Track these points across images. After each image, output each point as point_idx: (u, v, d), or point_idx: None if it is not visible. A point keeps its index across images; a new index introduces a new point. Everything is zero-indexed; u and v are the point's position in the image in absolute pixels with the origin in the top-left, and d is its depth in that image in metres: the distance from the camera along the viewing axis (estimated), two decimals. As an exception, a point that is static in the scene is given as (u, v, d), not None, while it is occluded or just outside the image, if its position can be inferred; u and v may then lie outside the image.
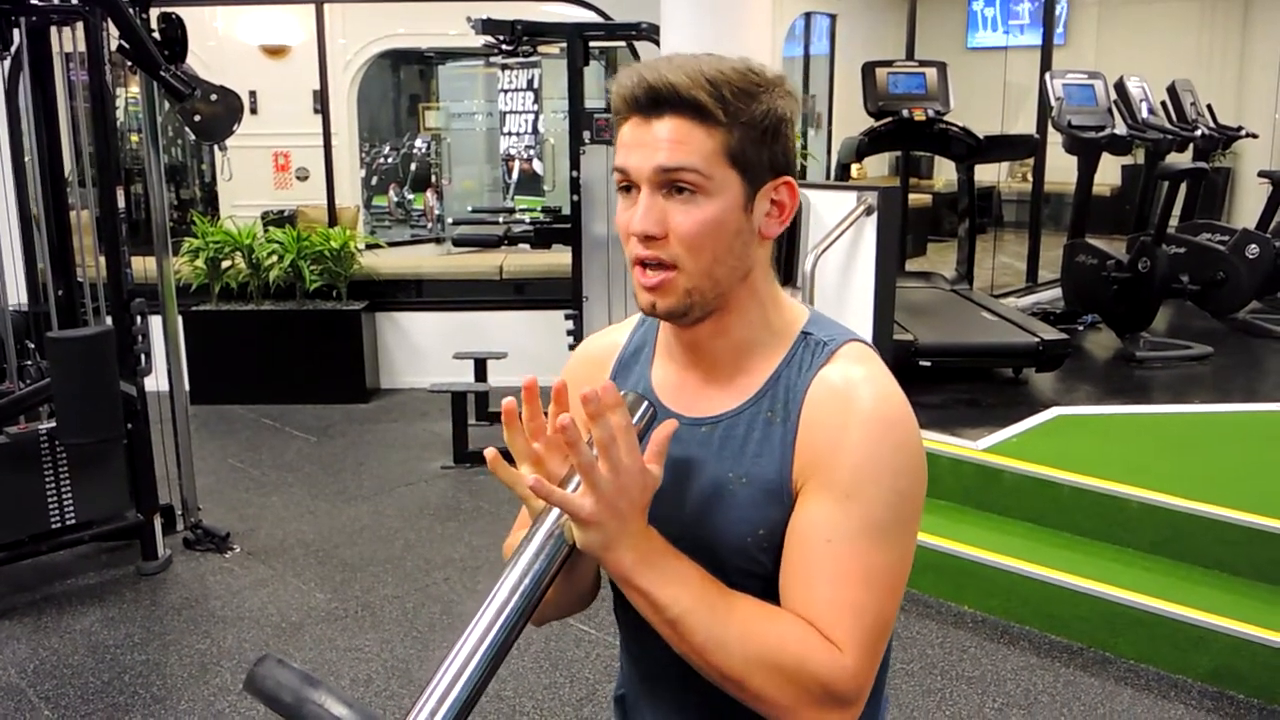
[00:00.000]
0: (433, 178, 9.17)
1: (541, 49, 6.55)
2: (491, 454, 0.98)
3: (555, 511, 0.97)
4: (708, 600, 0.95)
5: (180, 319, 4.39)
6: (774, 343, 1.05)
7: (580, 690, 3.05)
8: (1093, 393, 4.88)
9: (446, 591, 3.68)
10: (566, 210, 5.36)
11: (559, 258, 5.79)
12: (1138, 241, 5.50)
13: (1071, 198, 6.19)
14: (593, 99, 5.11)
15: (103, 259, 3.83)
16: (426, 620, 3.47)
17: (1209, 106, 6.76)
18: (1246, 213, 8.55)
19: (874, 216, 3.68)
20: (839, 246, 3.72)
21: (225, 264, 5.97)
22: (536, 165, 8.06)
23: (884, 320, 3.76)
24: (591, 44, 5.42)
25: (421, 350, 6.25)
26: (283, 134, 7.50)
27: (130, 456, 3.80)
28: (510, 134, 7.99)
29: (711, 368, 1.07)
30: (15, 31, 3.56)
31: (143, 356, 3.89)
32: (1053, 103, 5.76)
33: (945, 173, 9.57)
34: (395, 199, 9.20)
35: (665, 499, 0.97)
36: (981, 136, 5.85)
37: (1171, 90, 6.38)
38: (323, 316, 5.97)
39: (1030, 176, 7.59)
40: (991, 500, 3.76)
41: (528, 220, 5.71)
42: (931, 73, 5.76)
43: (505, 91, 7.94)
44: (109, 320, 3.82)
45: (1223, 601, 3.13)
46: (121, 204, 4.10)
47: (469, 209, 7.31)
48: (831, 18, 9.33)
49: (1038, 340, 4.66)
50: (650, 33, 5.07)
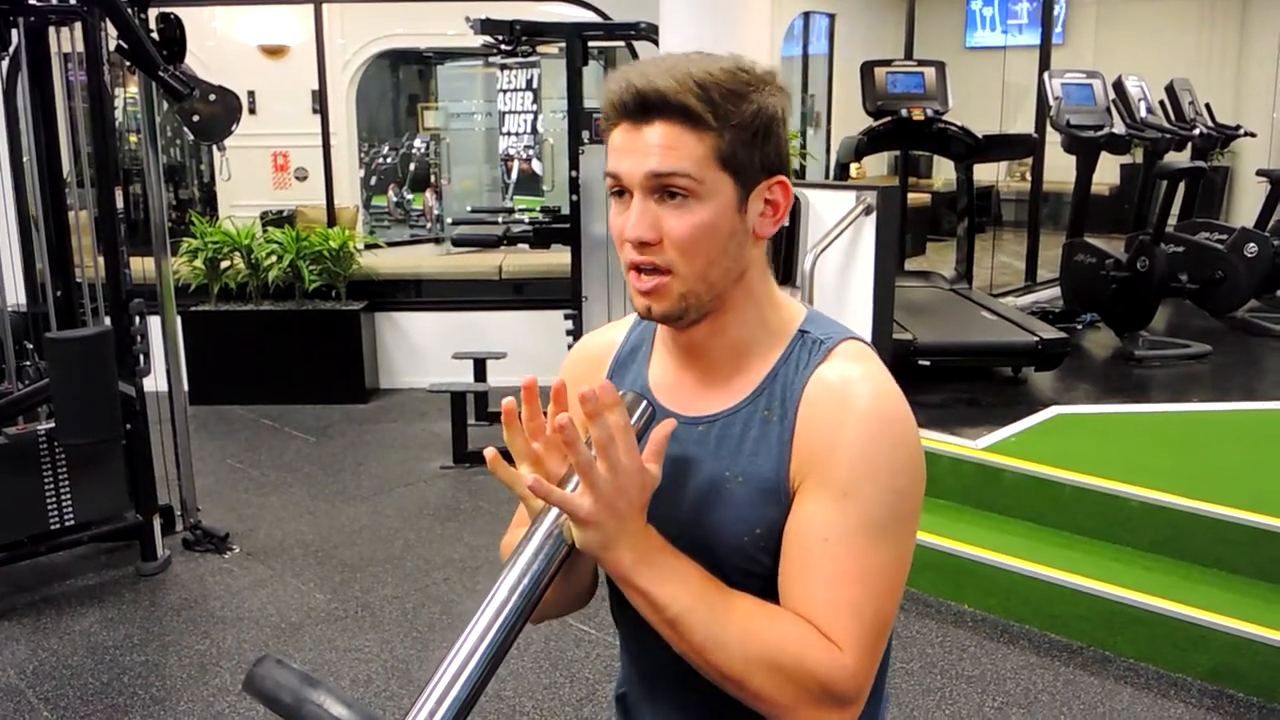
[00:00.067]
0: (432, 178, 9.16)
1: (540, 49, 6.54)
2: (491, 454, 0.98)
3: (554, 511, 0.97)
4: (707, 599, 0.95)
5: (179, 319, 4.39)
6: (771, 341, 1.05)
7: (580, 690, 3.05)
8: (1092, 392, 4.88)
9: (446, 591, 3.68)
10: (565, 210, 5.36)
11: (558, 257, 5.79)
12: (1136, 240, 5.50)
13: (1070, 197, 6.19)
14: (591, 99, 5.10)
15: (101, 259, 3.83)
16: (426, 620, 3.47)
17: (1207, 105, 6.77)
18: (1245, 212, 8.55)
19: (873, 216, 3.68)
20: (838, 246, 3.72)
21: (224, 264, 5.97)
22: (535, 165, 8.05)
23: (883, 319, 3.76)
24: (590, 44, 5.42)
25: (421, 350, 6.24)
26: (281, 134, 7.50)
27: (129, 457, 3.80)
28: (509, 134, 7.99)
29: (708, 367, 1.07)
30: (14, 32, 3.55)
31: (141, 357, 3.88)
32: (1051, 102, 5.76)
33: (944, 172, 9.57)
34: (394, 199, 9.20)
35: (662, 498, 0.97)
36: (980, 136, 5.85)
37: (1170, 89, 6.39)
38: (322, 317, 5.97)
39: (1029, 176, 7.60)
40: (991, 499, 3.76)
41: (527, 220, 5.71)
42: (930, 72, 5.76)
43: (504, 91, 7.94)
44: (108, 321, 3.82)
45: (1222, 600, 3.13)
46: (120, 204, 4.11)
47: (468, 209, 7.31)
48: (830, 17, 9.33)
49: (1037, 339, 4.66)
50: (649, 32, 5.08)
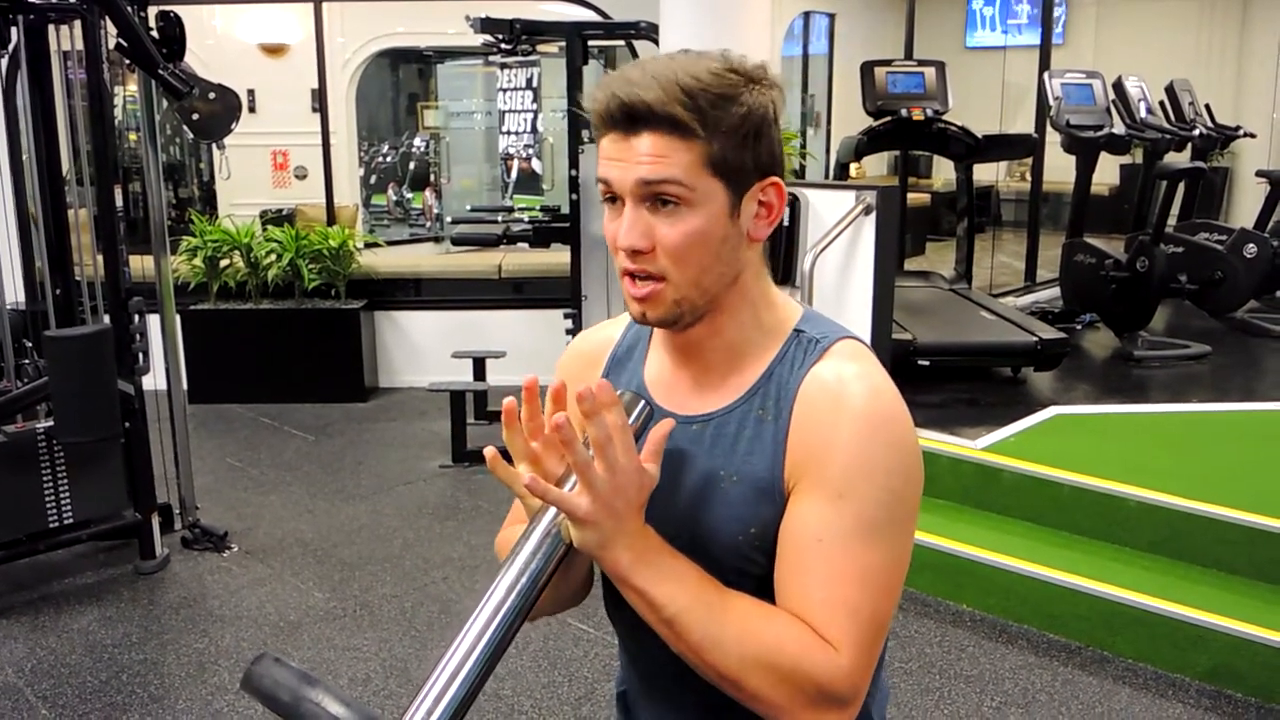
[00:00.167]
0: (431, 177, 9.16)
1: (540, 48, 6.53)
2: (490, 453, 0.98)
3: (552, 510, 0.97)
4: (704, 599, 0.95)
5: (178, 318, 4.39)
6: (766, 341, 1.05)
7: (579, 689, 3.05)
8: (1091, 392, 4.89)
9: (445, 590, 3.68)
10: (565, 209, 5.36)
11: (558, 257, 5.79)
12: (1136, 241, 5.50)
13: (1070, 197, 6.19)
14: (591, 98, 5.09)
15: (101, 258, 3.83)
16: (425, 619, 3.47)
17: (1207, 106, 6.77)
18: (1244, 212, 8.55)
19: (873, 216, 3.67)
20: (838, 246, 3.72)
21: (223, 263, 5.97)
22: (535, 164, 8.05)
23: (883, 319, 3.76)
24: (590, 43, 5.42)
25: (420, 349, 6.24)
26: (281, 133, 7.50)
27: (128, 455, 3.79)
28: (509, 133, 7.97)
29: (704, 366, 1.06)
30: (13, 30, 3.55)
31: (141, 355, 3.88)
32: (1051, 102, 5.76)
33: (944, 172, 9.57)
34: (394, 198, 9.19)
35: (657, 498, 0.97)
36: (980, 136, 5.85)
37: (1169, 90, 6.39)
38: (321, 315, 5.97)
39: (1029, 176, 7.60)
40: (990, 499, 3.77)
41: (526, 219, 5.69)
42: (930, 72, 5.76)
43: (504, 90, 7.93)
44: (107, 319, 3.82)
45: (1221, 600, 3.13)
46: (119, 203, 4.10)
47: (468, 208, 7.30)
48: (830, 17, 9.33)
49: (1036, 339, 4.66)
50: (649, 31, 5.07)
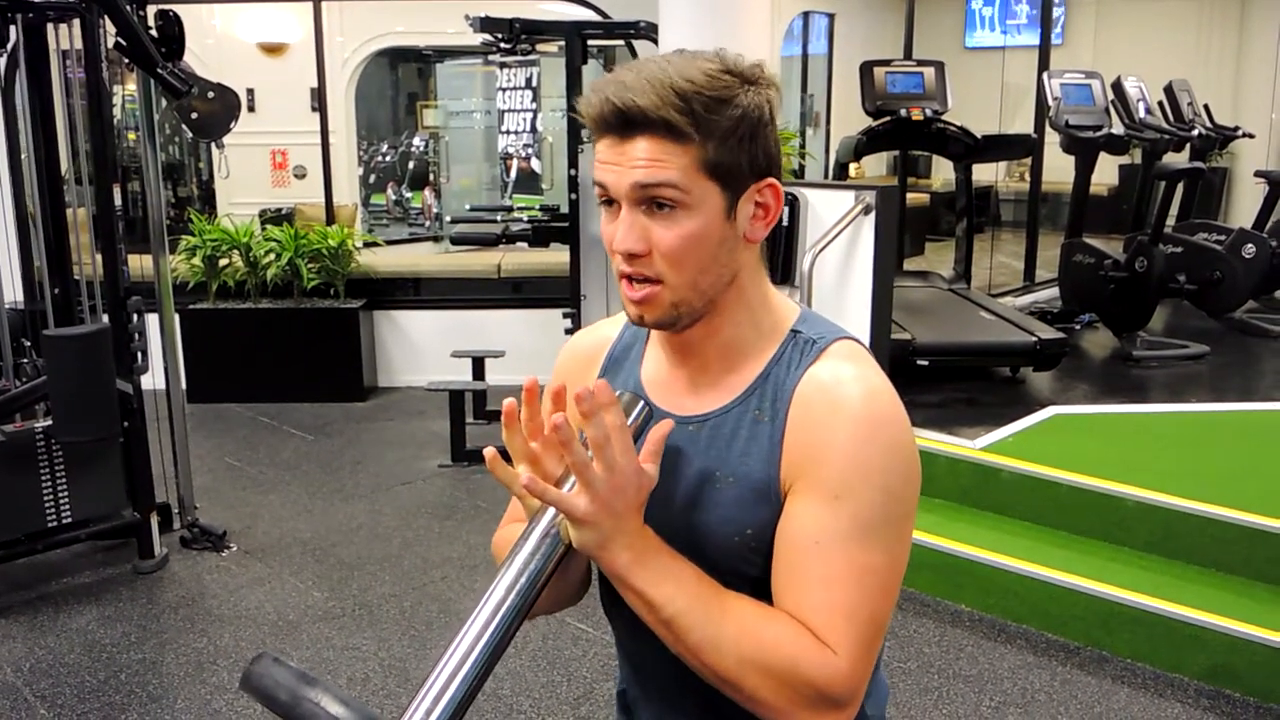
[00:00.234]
0: (431, 176, 9.16)
1: (540, 47, 6.53)
2: (490, 453, 0.98)
3: (551, 510, 0.97)
4: (703, 600, 0.95)
5: (177, 317, 4.39)
6: (763, 342, 1.05)
7: (578, 689, 3.05)
8: (1090, 392, 4.89)
9: (444, 590, 3.68)
10: (564, 209, 5.36)
11: (557, 256, 5.79)
12: (1135, 241, 5.51)
13: (1069, 197, 6.20)
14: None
15: (99, 257, 3.82)
16: (424, 619, 3.47)
17: (1206, 106, 6.77)
18: (1243, 212, 8.56)
19: (872, 216, 3.67)
20: (837, 246, 3.72)
21: (222, 262, 5.97)
22: (535, 164, 8.05)
23: (882, 319, 3.75)
24: (590, 42, 5.42)
25: (419, 349, 6.24)
26: (280, 132, 7.50)
27: (127, 455, 3.79)
28: (508, 132, 7.98)
29: (701, 367, 1.06)
30: (12, 28, 3.55)
31: (139, 355, 3.88)
32: (1050, 102, 5.77)
33: (943, 172, 9.58)
34: (393, 197, 9.19)
35: (653, 498, 0.97)
36: (979, 136, 5.85)
37: (1168, 90, 6.39)
38: (320, 315, 5.97)
39: (1028, 176, 7.60)
40: (989, 499, 3.77)
41: (526, 219, 5.69)
42: (929, 72, 5.76)
43: (503, 90, 7.93)
44: (105, 318, 3.82)
45: (1219, 600, 3.14)
46: (118, 202, 4.09)
47: (467, 207, 7.30)
48: (830, 17, 9.33)
49: (1035, 339, 4.66)
50: (648, 31, 5.07)
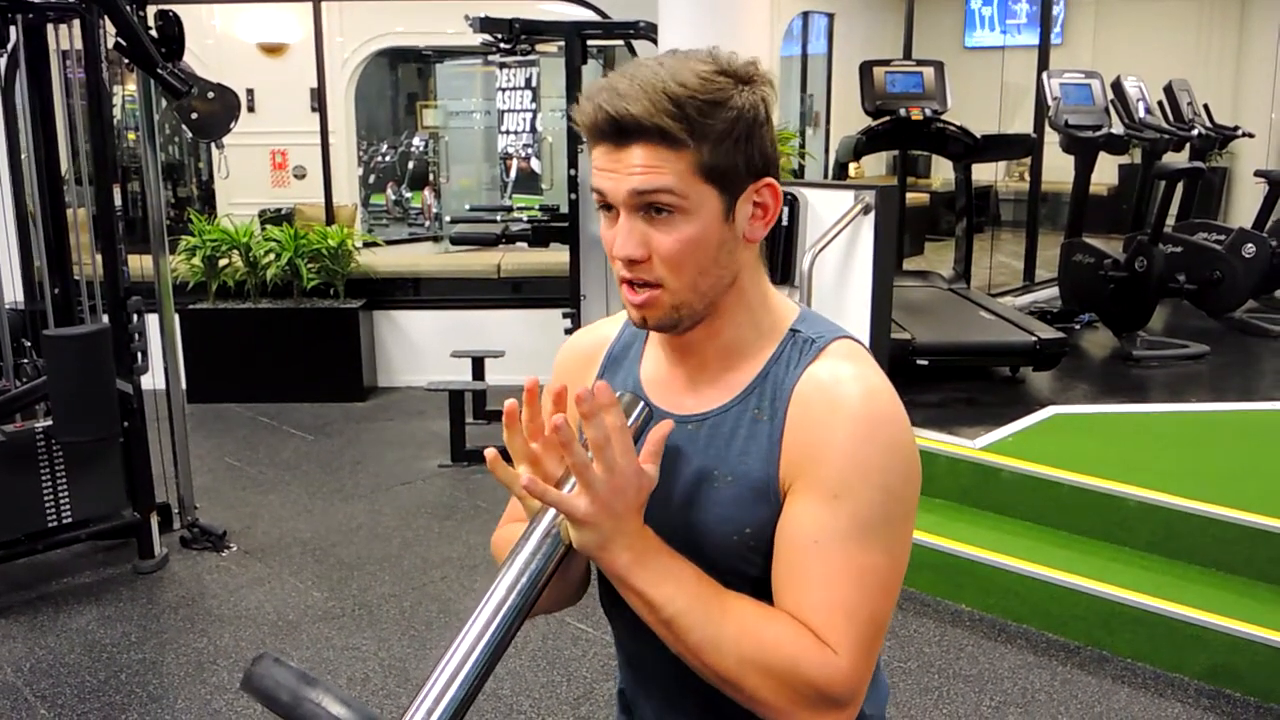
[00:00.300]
0: (430, 176, 9.16)
1: (539, 47, 6.53)
2: (491, 454, 0.98)
3: (552, 511, 0.97)
4: (703, 600, 0.95)
5: (177, 317, 4.39)
6: (762, 341, 1.05)
7: (578, 689, 3.05)
8: (1090, 392, 4.89)
9: (444, 590, 3.68)
10: (564, 209, 5.36)
11: (557, 256, 5.79)
12: (1134, 241, 5.51)
13: (1069, 197, 6.20)
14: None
15: (99, 257, 3.82)
16: (424, 619, 3.47)
17: (1205, 106, 6.77)
18: (1243, 212, 8.56)
19: (872, 215, 3.67)
20: (836, 245, 3.72)
21: (222, 262, 5.97)
22: (534, 164, 8.05)
23: (881, 319, 3.76)
24: (589, 42, 5.42)
25: (419, 349, 6.24)
26: (280, 132, 7.50)
27: (127, 455, 3.79)
28: (508, 132, 7.97)
29: (700, 365, 1.06)
30: (12, 29, 3.55)
31: (139, 355, 3.88)
32: (1050, 102, 5.77)
33: (943, 172, 9.57)
34: (393, 197, 9.19)
35: (652, 497, 0.97)
36: (979, 136, 5.85)
37: (1168, 90, 6.39)
38: (320, 315, 5.97)
39: (1027, 176, 7.60)
40: (989, 499, 3.77)
41: (525, 219, 5.69)
42: (929, 72, 5.76)
43: (503, 90, 7.93)
44: (105, 318, 3.82)
45: (1219, 600, 3.14)
46: (118, 202, 4.10)
47: (467, 207, 7.30)
48: (829, 17, 9.32)
49: (1035, 339, 4.66)
50: (648, 31, 5.07)
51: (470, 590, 3.67)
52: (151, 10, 3.88)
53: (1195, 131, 6.31)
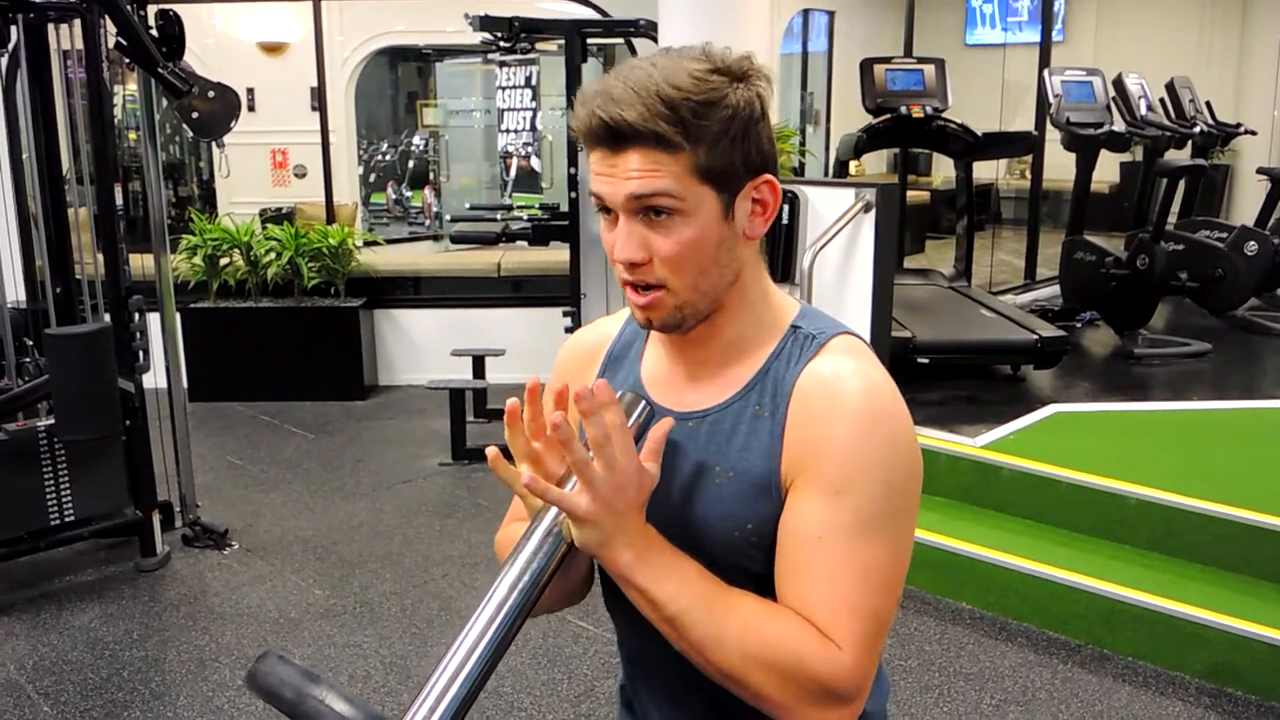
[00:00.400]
0: (431, 175, 9.16)
1: (539, 46, 6.53)
2: (493, 453, 0.98)
3: (554, 509, 0.97)
4: (706, 597, 0.95)
5: (178, 316, 4.40)
6: (763, 337, 1.05)
7: (578, 686, 3.06)
8: (1091, 390, 4.89)
9: (445, 588, 3.68)
10: (564, 207, 5.36)
11: (557, 255, 5.79)
12: (1136, 238, 5.50)
13: (1070, 195, 6.19)
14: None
15: (101, 256, 3.83)
16: (425, 617, 3.47)
17: (1207, 103, 6.77)
18: (1245, 210, 8.55)
19: (872, 213, 3.67)
20: (837, 243, 3.72)
21: (223, 261, 5.97)
22: (534, 162, 8.04)
23: (882, 317, 3.76)
24: (589, 41, 5.41)
25: (419, 347, 6.24)
26: (280, 131, 7.50)
27: (129, 453, 3.80)
28: (508, 131, 7.97)
29: (701, 363, 1.06)
30: (13, 29, 3.55)
31: (141, 353, 3.89)
32: (1051, 100, 5.76)
33: (944, 170, 9.57)
34: (393, 196, 9.19)
35: (653, 494, 0.97)
36: (980, 133, 5.85)
37: (1170, 87, 6.39)
38: (321, 314, 5.97)
39: (1029, 173, 7.60)
40: (989, 497, 3.77)
41: (525, 217, 5.69)
42: (930, 69, 5.76)
43: (503, 89, 7.92)
44: (107, 317, 3.82)
45: (1220, 598, 3.14)
46: (119, 201, 4.10)
47: (467, 206, 7.30)
48: (829, 14, 9.32)
49: (1036, 337, 4.66)
50: (648, 29, 5.07)
51: (471, 588, 3.67)
52: (152, 10, 3.88)
53: (1197, 129, 6.30)
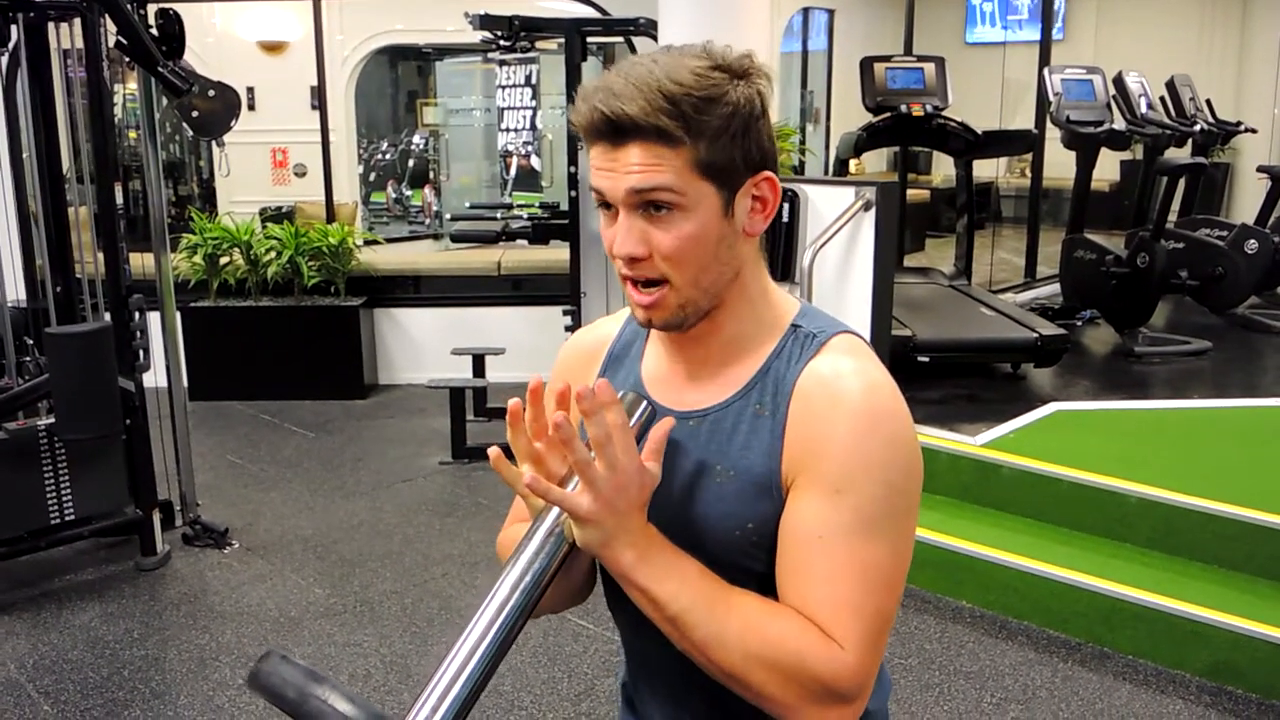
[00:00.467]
0: (431, 174, 9.16)
1: (539, 44, 6.53)
2: (494, 452, 0.98)
3: (555, 509, 0.97)
4: (707, 597, 0.95)
5: (178, 315, 4.40)
6: (763, 336, 1.05)
7: (579, 685, 3.06)
8: (1091, 388, 4.89)
9: (445, 587, 3.69)
10: (564, 206, 5.36)
11: (557, 253, 5.79)
12: (1136, 237, 5.50)
13: (1070, 193, 6.19)
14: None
15: (101, 255, 3.83)
16: (425, 615, 3.48)
17: (1208, 101, 6.76)
18: (1245, 208, 8.56)
19: (872, 212, 3.67)
20: (837, 242, 3.72)
21: (223, 260, 5.97)
22: (534, 161, 8.05)
23: (882, 316, 3.76)
24: (589, 39, 5.41)
25: (420, 346, 6.25)
26: (281, 130, 7.50)
27: (129, 452, 3.80)
28: (508, 130, 7.98)
29: (702, 362, 1.06)
30: (13, 28, 3.55)
31: (141, 352, 3.89)
32: (1051, 98, 5.76)
33: (944, 168, 9.57)
34: (393, 195, 9.19)
35: (654, 494, 0.97)
36: (980, 132, 5.85)
37: (1170, 85, 6.38)
38: (321, 312, 5.97)
39: (1029, 172, 7.60)
40: (990, 495, 3.77)
41: (525, 216, 5.69)
42: (930, 68, 5.76)
43: (503, 87, 7.93)
44: (107, 316, 3.82)
45: (1220, 596, 3.14)
46: (120, 200, 4.10)
47: (467, 205, 7.31)
48: (829, 13, 9.31)
49: (1036, 336, 4.66)
50: (648, 28, 5.06)
51: (471, 587, 3.68)
52: (152, 9, 3.88)
53: (1197, 127, 6.30)
